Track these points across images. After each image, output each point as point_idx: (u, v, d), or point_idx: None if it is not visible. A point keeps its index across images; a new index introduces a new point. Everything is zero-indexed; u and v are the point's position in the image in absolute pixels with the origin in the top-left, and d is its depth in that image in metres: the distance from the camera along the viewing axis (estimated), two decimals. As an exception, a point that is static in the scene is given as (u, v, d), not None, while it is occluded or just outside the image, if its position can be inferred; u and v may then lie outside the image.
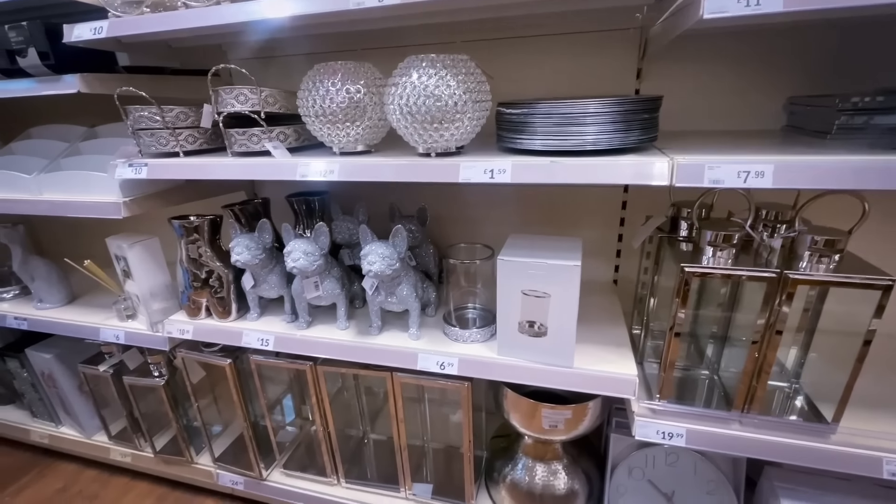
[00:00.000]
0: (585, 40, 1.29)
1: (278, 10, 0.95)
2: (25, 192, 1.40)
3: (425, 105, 0.92)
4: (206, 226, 1.32)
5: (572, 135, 0.90)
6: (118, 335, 1.51)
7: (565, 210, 1.48)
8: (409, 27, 1.36)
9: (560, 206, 1.48)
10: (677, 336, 0.99)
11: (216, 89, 1.11)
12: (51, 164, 1.43)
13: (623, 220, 1.46)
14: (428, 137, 0.97)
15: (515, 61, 1.35)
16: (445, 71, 0.91)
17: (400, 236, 1.13)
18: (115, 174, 1.22)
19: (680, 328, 0.98)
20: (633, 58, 1.26)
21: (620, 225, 1.46)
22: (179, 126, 1.21)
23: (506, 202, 1.53)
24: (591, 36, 1.28)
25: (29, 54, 1.15)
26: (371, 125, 1.06)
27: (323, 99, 1.00)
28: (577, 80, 1.32)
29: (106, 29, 1.06)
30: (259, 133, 1.13)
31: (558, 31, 1.29)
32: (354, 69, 1.02)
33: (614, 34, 1.26)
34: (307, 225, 1.56)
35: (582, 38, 1.28)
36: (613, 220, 1.46)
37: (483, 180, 0.93)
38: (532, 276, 1.02)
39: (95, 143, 1.50)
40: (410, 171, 0.98)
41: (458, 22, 1.22)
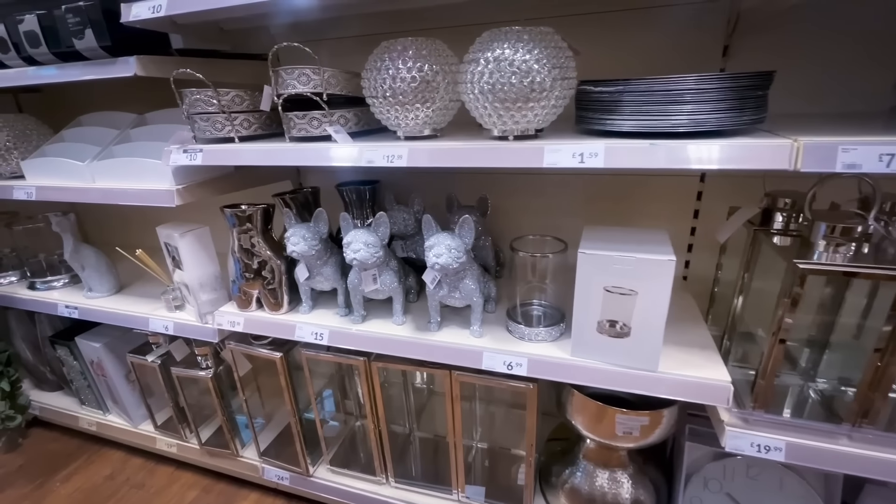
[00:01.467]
0: (665, 14, 1.18)
1: None
2: (79, 180, 1.39)
3: (508, 83, 0.84)
4: (258, 215, 1.27)
5: (672, 114, 0.81)
6: (167, 326, 1.49)
7: (631, 200, 1.38)
8: (466, 4, 1.28)
9: (626, 195, 1.38)
10: (782, 343, 0.89)
11: (276, 70, 1.05)
12: (103, 151, 1.41)
13: (697, 212, 1.35)
14: (509, 119, 0.89)
15: (584, 38, 1.25)
16: (532, 45, 0.83)
17: (467, 227, 1.05)
18: (170, 160, 1.19)
19: (786, 334, 0.88)
20: (719, 33, 1.15)
21: (694, 217, 1.35)
22: (235, 110, 1.16)
23: (564, 191, 1.44)
24: (672, 9, 1.17)
25: (86, 36, 1.11)
26: (441, 107, 0.98)
27: (393, 79, 0.93)
28: (654, 57, 1.22)
29: (165, 6, 1.01)
30: (320, 116, 1.07)
31: (634, 5, 1.19)
32: (425, 46, 0.95)
33: (699, 7, 1.14)
34: (357, 215, 1.50)
35: (661, 11, 1.18)
36: (686, 212, 1.36)
37: (571, 165, 0.85)
38: (618, 272, 0.93)
39: (145, 130, 1.47)
40: (487, 155, 0.90)
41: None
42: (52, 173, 1.44)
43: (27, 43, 1.20)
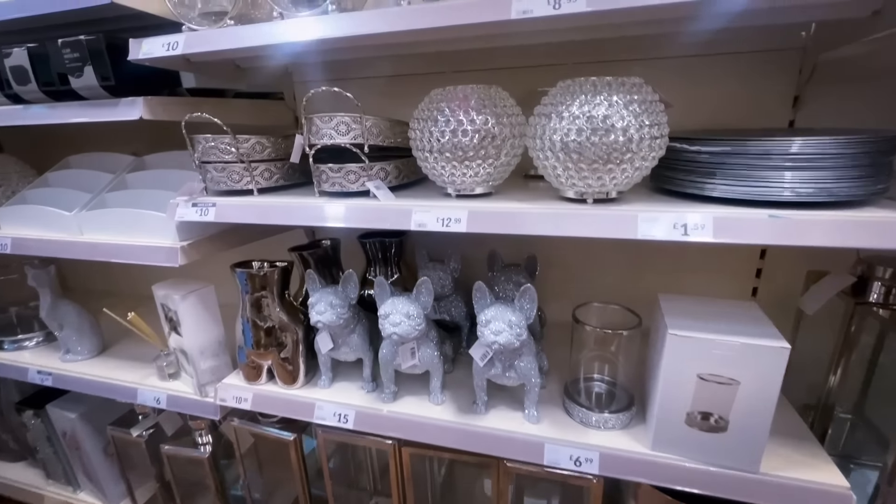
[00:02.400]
0: (730, 62, 1.09)
1: (415, 20, 0.75)
2: (64, 232, 1.21)
3: (594, 140, 0.71)
4: (275, 276, 1.11)
5: (789, 181, 0.69)
6: (159, 398, 1.28)
7: (682, 255, 1.26)
8: (502, 48, 1.19)
9: (676, 249, 1.26)
10: (917, 443, 0.75)
11: (310, 117, 0.91)
12: (94, 199, 1.24)
13: (759, 271, 1.23)
14: (592, 180, 0.75)
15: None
16: (622, 98, 0.71)
17: (529, 297, 0.91)
18: (175, 215, 1.02)
19: (923, 433, 0.74)
20: (790, 82, 1.06)
21: (756, 276, 1.24)
22: (255, 159, 1.01)
23: (608, 247, 1.31)
24: (738, 57, 1.08)
25: (85, 74, 0.96)
26: (504, 162, 0.86)
27: (454, 132, 0.80)
28: (720, 106, 1.12)
29: (182, 44, 0.88)
30: (358, 170, 0.93)
31: (699, 51, 1.10)
32: (489, 96, 0.82)
33: (769, 55, 1.06)
34: (381, 271, 1.35)
35: (729, 58, 1.09)
36: (747, 271, 1.24)
37: (672, 238, 0.71)
38: (717, 358, 0.79)
39: (144, 176, 1.31)
40: (567, 223, 0.77)
41: (568, 42, 1.04)
42: (33, 223, 1.25)
43: (13, 79, 1.04)
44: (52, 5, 0.92)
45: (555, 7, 0.66)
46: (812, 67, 1.02)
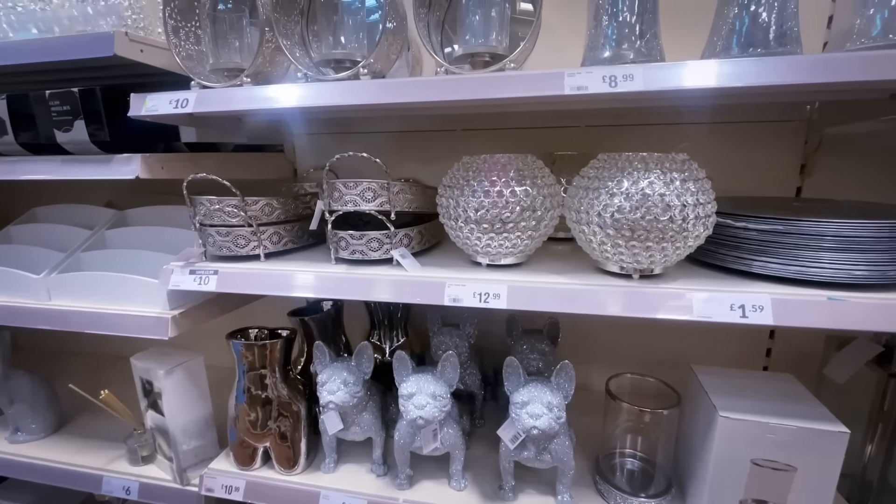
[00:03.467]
0: (737, 130, 1.12)
1: (466, 91, 0.71)
2: (29, 297, 1.06)
3: (647, 218, 0.68)
4: (277, 349, 1.00)
5: (843, 262, 0.68)
6: (129, 487, 1.11)
7: (688, 331, 1.24)
8: (513, 112, 1.19)
9: (683, 335, 1.25)
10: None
11: (332, 182, 0.85)
12: (67, 259, 1.10)
13: (772, 332, 1.23)
14: (645, 257, 0.72)
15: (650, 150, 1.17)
16: (673, 175, 0.69)
17: (567, 375, 0.85)
18: (170, 282, 0.91)
19: None
20: (797, 152, 1.10)
21: (770, 337, 1.23)
22: (264, 222, 0.93)
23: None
24: (745, 126, 1.11)
25: (74, 128, 0.87)
26: (542, 234, 0.81)
27: (494, 204, 0.75)
28: (728, 173, 1.14)
29: (193, 102, 0.81)
30: (382, 237, 0.86)
31: (704, 119, 1.12)
32: (527, 166, 0.79)
33: (776, 126, 1.10)
34: (386, 336, 1.26)
35: (733, 127, 1.12)
36: (761, 332, 1.23)
37: (730, 320, 0.68)
38: (772, 442, 0.75)
39: (125, 234, 1.18)
40: (618, 301, 0.72)
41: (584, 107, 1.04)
42: (-9, 286, 1.10)
43: (-14, 131, 0.93)
44: (48, 54, 0.83)
45: (610, 85, 0.64)
46: (819, 140, 1.05)
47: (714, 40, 0.70)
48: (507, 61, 0.73)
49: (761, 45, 0.65)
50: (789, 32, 0.64)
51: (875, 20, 0.62)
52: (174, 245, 1.12)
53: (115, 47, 0.81)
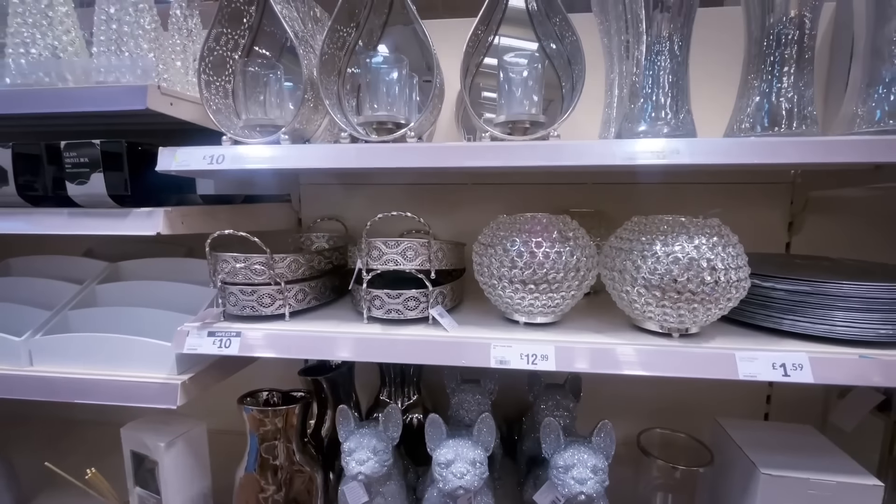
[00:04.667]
0: (728, 190, 1.21)
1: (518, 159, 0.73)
2: (8, 363, 0.94)
3: (689, 279, 0.71)
4: (295, 415, 0.93)
5: (872, 322, 0.73)
6: (107, 583, 0.96)
7: (692, 386, 1.28)
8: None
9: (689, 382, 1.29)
10: None
11: (372, 241, 0.83)
12: (55, 318, 0.99)
13: (769, 398, 1.28)
14: (689, 316, 0.75)
15: (643, 209, 1.23)
16: (714, 240, 0.73)
17: (606, 435, 0.84)
18: (185, 345, 0.84)
19: None
20: (784, 210, 1.20)
21: (766, 402, 1.28)
22: (290, 280, 0.89)
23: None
24: (736, 186, 1.21)
25: (91, 181, 0.81)
26: (582, 293, 0.83)
27: (541, 264, 0.77)
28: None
29: (229, 158, 0.78)
30: (419, 296, 0.85)
31: (697, 179, 1.21)
32: (567, 226, 0.82)
33: (760, 186, 1.19)
34: (397, 393, 1.21)
35: (725, 187, 1.21)
36: (758, 395, 1.28)
37: (773, 378, 0.71)
38: (811, 498, 0.77)
39: (119, 289, 1.09)
40: (664, 361, 0.74)
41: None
42: (-43, 349, 0.97)
43: (-19, 181, 0.85)
44: (71, 104, 0.79)
45: (659, 157, 0.68)
46: (805, 200, 1.16)
47: (739, 118, 0.77)
48: (552, 130, 0.77)
49: (784, 126, 0.72)
50: (809, 116, 0.72)
51: (876, 110, 0.71)
52: (174, 302, 1.05)
53: (148, 100, 0.78)
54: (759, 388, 1.29)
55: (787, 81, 0.72)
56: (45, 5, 0.91)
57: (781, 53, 0.71)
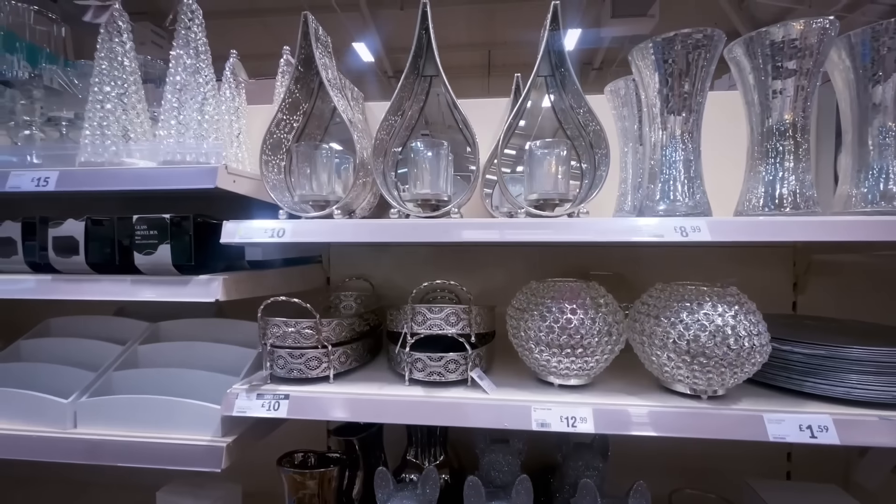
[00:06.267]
0: (733, 253, 1.29)
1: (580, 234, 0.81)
2: (51, 425, 0.96)
3: (718, 345, 0.77)
4: (334, 476, 0.95)
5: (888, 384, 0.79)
6: None
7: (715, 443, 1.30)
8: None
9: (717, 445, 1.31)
10: None
11: (416, 307, 0.89)
12: (99, 379, 1.02)
13: (790, 455, 1.30)
14: (717, 378, 0.80)
15: (655, 270, 1.30)
16: (737, 308, 0.80)
17: (641, 496, 0.86)
18: (234, 408, 0.88)
19: None
20: (787, 272, 1.28)
21: (787, 460, 1.30)
22: (335, 342, 0.94)
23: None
24: (740, 249, 1.29)
25: (158, 251, 0.88)
26: (614, 356, 0.88)
27: (576, 329, 0.83)
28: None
29: (290, 232, 0.86)
30: (459, 359, 0.90)
31: (704, 244, 1.29)
32: (598, 292, 0.88)
33: (767, 251, 1.28)
34: (425, 453, 1.22)
35: (729, 250, 1.29)
36: (779, 451, 1.30)
37: (801, 440, 0.75)
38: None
39: (160, 350, 1.13)
40: (700, 423, 0.78)
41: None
42: (2, 411, 0.99)
43: (52, 249, 0.92)
44: (147, 182, 0.87)
45: (682, 234, 0.77)
46: (808, 262, 1.24)
47: (748, 198, 0.86)
48: (582, 207, 0.86)
49: (790, 206, 0.81)
50: (811, 198, 0.81)
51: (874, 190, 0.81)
52: (212, 362, 1.08)
53: (217, 180, 0.87)
54: (781, 446, 1.31)
55: (789, 167, 0.82)
56: (121, 93, 1.02)
57: (782, 146, 0.82)
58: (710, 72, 0.84)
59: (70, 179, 0.90)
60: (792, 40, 0.79)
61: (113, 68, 1.00)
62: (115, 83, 1.00)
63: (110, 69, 1.00)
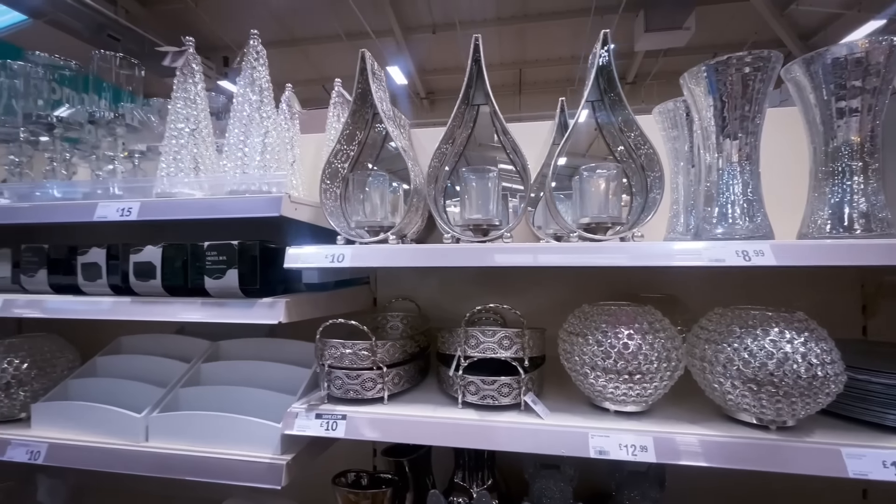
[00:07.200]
0: (793, 275, 1.24)
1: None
2: (124, 438, 1.02)
3: (795, 375, 0.74)
4: (386, 498, 0.96)
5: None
6: None
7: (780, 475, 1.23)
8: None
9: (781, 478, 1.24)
10: None
11: (469, 330, 0.91)
12: (167, 396, 1.09)
13: (865, 493, 1.21)
14: (786, 410, 0.76)
15: (706, 292, 1.26)
16: (803, 334, 0.77)
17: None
18: (294, 427, 0.91)
19: None
20: (856, 294, 1.21)
21: (863, 497, 1.21)
22: (389, 364, 0.97)
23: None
24: (805, 271, 1.24)
25: (227, 276, 0.94)
26: (673, 382, 0.86)
27: (633, 355, 0.81)
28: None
29: (349, 257, 0.89)
30: (512, 382, 0.90)
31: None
32: (655, 316, 0.87)
33: (832, 270, 1.22)
34: (472, 477, 1.21)
35: (788, 272, 1.24)
36: (854, 485, 1.21)
37: (886, 478, 0.71)
38: None
39: (221, 368, 1.19)
40: (774, 457, 0.75)
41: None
42: (79, 424, 1.06)
43: (133, 274, 1.00)
44: (214, 211, 0.94)
45: (745, 258, 0.75)
46: (878, 285, 1.17)
47: (814, 219, 0.83)
48: (636, 231, 0.86)
49: (861, 228, 0.78)
50: (884, 219, 0.78)
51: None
52: (269, 380, 1.13)
53: (282, 209, 0.92)
54: (855, 481, 1.22)
55: (858, 189, 0.79)
56: (193, 128, 1.11)
57: (849, 166, 0.79)
58: (767, 93, 0.83)
59: (150, 209, 0.98)
60: (857, 59, 0.77)
61: (187, 106, 1.09)
62: (188, 120, 1.09)
63: (185, 107, 1.09)
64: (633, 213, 0.99)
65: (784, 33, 6.63)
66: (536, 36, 7.41)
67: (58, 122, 1.17)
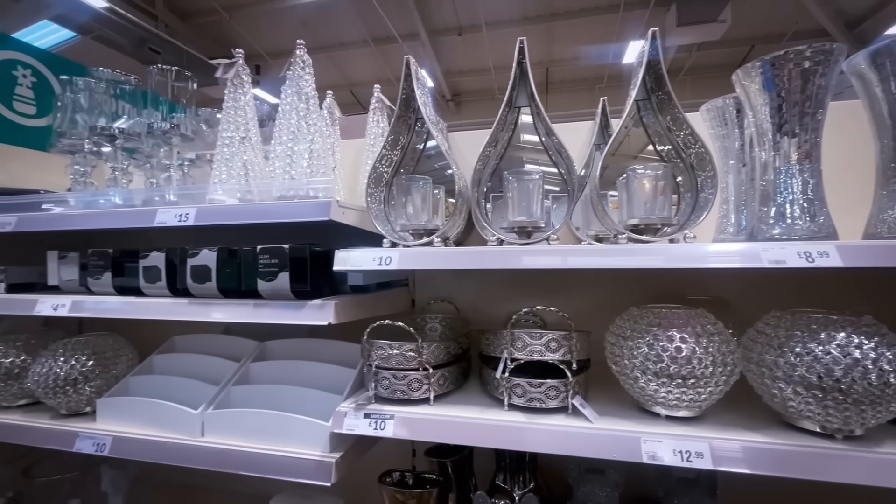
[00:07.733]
0: (850, 276, 1.18)
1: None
2: (182, 433, 1.07)
3: (856, 380, 0.71)
4: (432, 498, 0.97)
5: None
6: None
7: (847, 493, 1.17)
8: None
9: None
10: None
11: (516, 332, 0.91)
12: (220, 393, 1.13)
13: None
14: (855, 418, 0.73)
15: (755, 293, 1.21)
16: (873, 339, 0.73)
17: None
18: (343, 426, 0.93)
19: None
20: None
21: None
22: (435, 365, 0.98)
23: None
24: (861, 271, 1.18)
25: (278, 278, 0.97)
26: (728, 388, 0.84)
27: (688, 360, 0.80)
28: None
29: (396, 260, 0.91)
30: (560, 385, 0.90)
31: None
32: (708, 319, 0.85)
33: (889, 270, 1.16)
34: (514, 480, 1.21)
35: (846, 273, 1.17)
36: None
37: (968, 492, 0.66)
38: None
39: (269, 368, 1.23)
40: (837, 466, 0.72)
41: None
42: (141, 419, 1.12)
43: (190, 276, 1.05)
44: (265, 216, 0.97)
45: (807, 260, 0.72)
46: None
47: (882, 218, 0.79)
48: (687, 232, 0.84)
49: (935, 228, 0.74)
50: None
51: None
52: (316, 380, 1.16)
53: (331, 213, 0.95)
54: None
55: (932, 186, 0.75)
56: (243, 136, 1.15)
57: (922, 162, 0.75)
58: (829, 88, 0.80)
59: (205, 215, 1.02)
60: (930, 49, 0.73)
61: (237, 115, 1.13)
62: (238, 129, 1.13)
63: (235, 117, 1.13)
64: (681, 214, 0.96)
65: (829, 21, 6.31)
66: (563, 34, 7.32)
67: (119, 133, 1.24)
